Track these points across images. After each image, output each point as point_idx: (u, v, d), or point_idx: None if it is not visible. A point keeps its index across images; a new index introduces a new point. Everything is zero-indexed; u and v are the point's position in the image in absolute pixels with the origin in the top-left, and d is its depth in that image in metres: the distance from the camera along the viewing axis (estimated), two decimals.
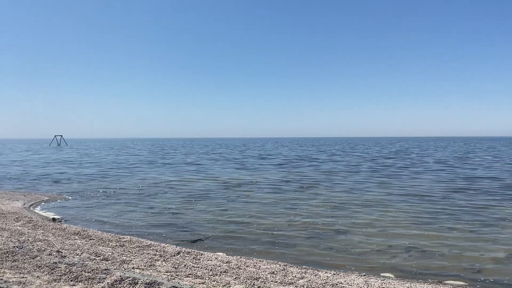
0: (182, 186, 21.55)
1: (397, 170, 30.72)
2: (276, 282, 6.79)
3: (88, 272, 6.56)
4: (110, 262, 7.47)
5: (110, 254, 8.16)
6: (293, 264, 8.35)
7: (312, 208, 14.80)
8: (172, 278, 6.62)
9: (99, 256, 7.87)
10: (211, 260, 8.24)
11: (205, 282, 6.52)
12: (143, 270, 7.05)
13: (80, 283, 6.09)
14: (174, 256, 8.39)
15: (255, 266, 7.92)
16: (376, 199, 16.66)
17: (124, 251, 8.61)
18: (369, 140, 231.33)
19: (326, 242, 10.27)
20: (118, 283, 6.06)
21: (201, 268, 7.47)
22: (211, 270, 7.30)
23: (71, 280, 6.20)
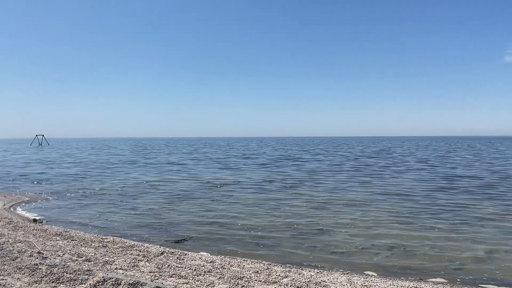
0: (165, 186, 21.42)
1: (379, 169, 31.05)
2: (260, 281, 6.81)
3: (70, 273, 6.48)
4: (92, 263, 7.40)
5: (93, 255, 8.07)
6: (277, 263, 8.38)
7: (296, 208, 14.87)
8: (155, 278, 6.59)
9: (82, 257, 7.78)
10: (195, 260, 8.22)
11: (189, 282, 6.50)
12: (126, 270, 7.00)
13: (61, 285, 6.01)
14: (157, 256, 8.34)
15: (239, 265, 7.92)
16: (359, 198, 16.81)
17: (107, 251, 8.53)
18: (352, 139, 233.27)
19: (309, 241, 10.33)
20: (100, 284, 6.00)
21: (185, 268, 7.45)
22: (195, 270, 7.28)
23: (53, 282, 6.12)
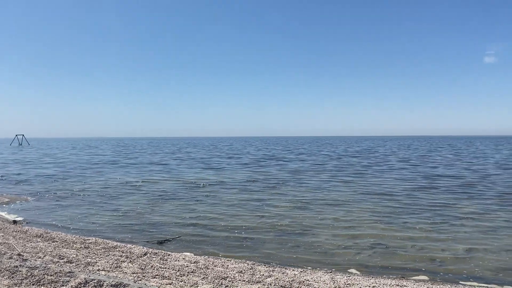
0: (147, 186, 21.26)
1: (361, 168, 31.35)
2: (244, 281, 6.82)
3: (51, 275, 6.39)
4: (74, 264, 7.31)
5: (75, 256, 7.97)
6: (260, 263, 8.41)
7: (279, 207, 14.92)
8: (138, 279, 6.54)
9: (63, 259, 7.68)
10: (178, 260, 8.19)
11: (172, 283, 6.47)
12: (108, 272, 6.93)
13: (42, 287, 5.92)
14: (140, 257, 8.28)
15: (223, 265, 7.92)
16: (341, 198, 16.95)
17: (89, 253, 8.43)
18: (336, 139, 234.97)
19: (293, 241, 10.38)
20: (82, 285, 5.93)
21: (168, 268, 7.41)
22: (178, 271, 7.25)
23: (33, 284, 6.02)
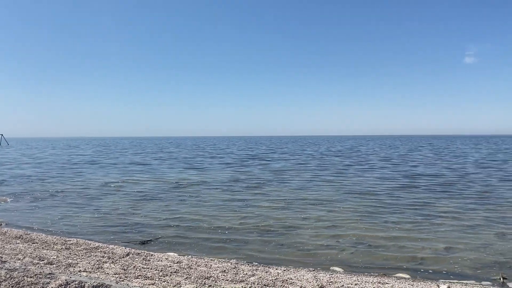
0: (129, 187, 21.05)
1: (344, 168, 31.62)
2: (227, 280, 6.81)
3: (30, 277, 6.28)
4: (55, 266, 7.19)
5: (55, 257, 7.85)
6: (244, 262, 8.42)
7: (262, 207, 14.95)
8: (121, 280, 6.48)
9: (43, 260, 7.55)
10: (161, 260, 8.14)
11: (155, 283, 6.43)
12: (90, 273, 6.85)
13: None
14: (123, 257, 8.20)
15: (206, 265, 7.90)
16: (324, 197, 17.07)
17: (70, 254, 8.32)
18: (320, 138, 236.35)
19: (276, 240, 10.42)
20: (63, 287, 5.85)
21: (151, 269, 7.36)
22: (161, 271, 7.21)
23: (12, 286, 5.91)
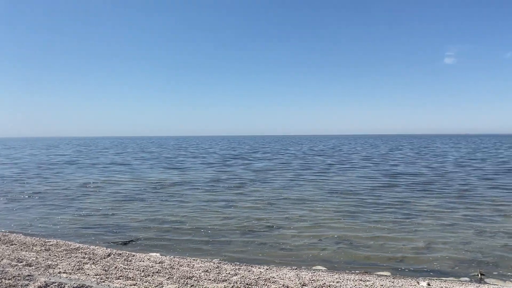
0: (110, 187, 20.81)
1: (326, 167, 31.84)
2: (210, 279, 6.80)
3: (8, 279, 6.16)
4: (34, 267, 7.07)
5: (34, 259, 7.72)
6: (227, 262, 8.41)
7: (245, 206, 14.96)
8: (101, 281, 6.41)
9: (22, 262, 7.42)
10: (143, 261, 8.07)
11: (136, 284, 6.38)
12: (70, 274, 6.75)
13: None
14: (104, 258, 8.11)
15: (188, 265, 7.87)
16: (307, 196, 17.17)
17: (50, 255, 8.18)
18: (303, 138, 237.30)
19: (259, 239, 10.44)
20: None
21: (132, 269, 7.29)
22: (143, 271, 7.15)
23: None
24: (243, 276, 7.06)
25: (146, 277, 6.80)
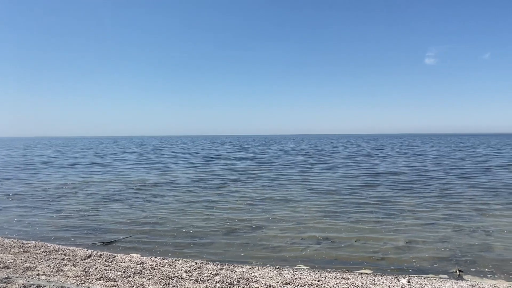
0: (90, 188, 20.53)
1: (308, 166, 32.00)
2: (192, 280, 6.77)
3: None
4: (12, 270, 6.93)
5: (12, 261, 7.56)
6: (209, 262, 8.38)
7: (228, 206, 14.94)
8: (81, 282, 6.32)
9: None
10: (124, 262, 7.99)
11: (117, 285, 6.31)
12: (49, 276, 6.64)
13: None
14: (84, 259, 8.00)
15: (170, 265, 7.82)
16: (289, 195, 17.23)
17: (28, 257, 8.03)
18: (285, 137, 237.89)
19: (242, 238, 10.44)
20: None
21: (113, 270, 7.21)
22: (124, 272, 7.08)
23: None
24: (225, 276, 7.06)
25: (127, 278, 6.74)
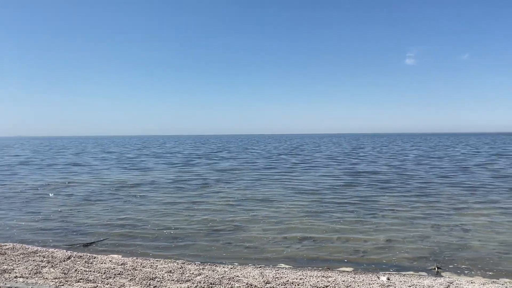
0: (70, 188, 20.22)
1: (290, 166, 32.13)
2: (173, 280, 6.74)
3: None
4: None
5: None
6: (191, 262, 8.35)
7: (210, 206, 14.90)
8: (60, 284, 6.23)
9: None
10: (105, 263, 7.90)
11: (97, 286, 6.24)
12: (27, 278, 6.53)
13: None
14: (64, 261, 7.89)
15: (151, 266, 7.77)
16: (271, 195, 17.27)
17: (5, 259, 7.88)
18: (269, 137, 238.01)
19: (224, 239, 10.42)
20: None
21: (93, 272, 7.13)
22: (104, 273, 7.00)
23: None
24: (207, 275, 7.04)
25: (107, 279, 6.67)
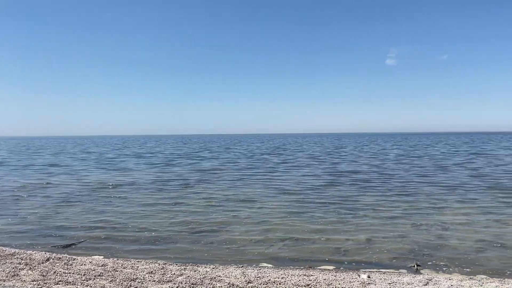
0: (49, 189, 19.87)
1: (273, 165, 32.23)
2: (154, 281, 6.69)
3: None
4: None
5: None
6: (172, 262, 8.30)
7: (191, 206, 14.83)
8: (39, 286, 6.13)
9: None
10: (85, 264, 7.80)
11: None
12: (4, 281, 6.40)
13: None
14: (42, 263, 7.75)
15: (132, 267, 7.70)
16: (254, 195, 17.30)
17: None
18: (252, 137, 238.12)
19: (206, 238, 10.40)
20: None
21: (73, 273, 7.03)
22: (84, 275, 6.91)
23: None
24: (188, 276, 7.02)
25: (87, 281, 6.58)
